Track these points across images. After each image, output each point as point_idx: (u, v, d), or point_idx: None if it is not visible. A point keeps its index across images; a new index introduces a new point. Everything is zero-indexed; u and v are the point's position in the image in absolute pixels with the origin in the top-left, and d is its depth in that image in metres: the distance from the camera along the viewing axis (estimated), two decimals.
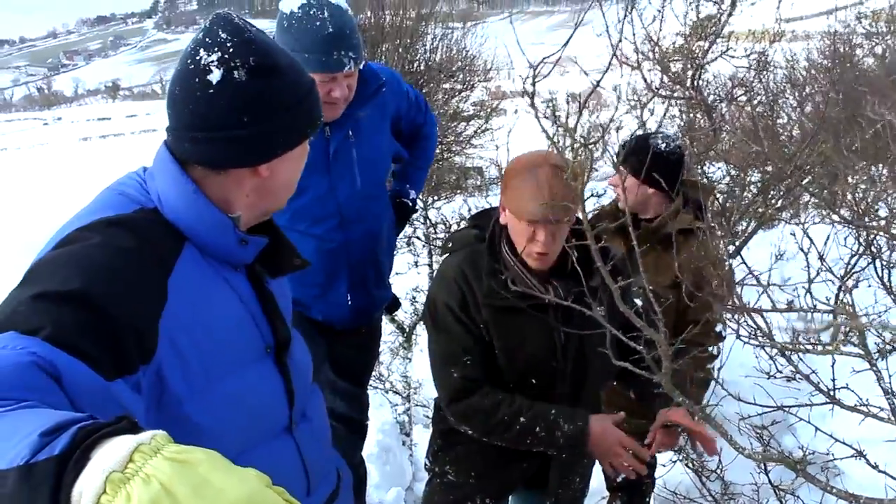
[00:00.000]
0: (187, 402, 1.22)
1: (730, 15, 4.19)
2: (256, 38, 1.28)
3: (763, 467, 3.07)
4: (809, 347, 1.61)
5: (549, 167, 1.95)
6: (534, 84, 1.52)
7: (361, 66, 2.52)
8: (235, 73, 1.23)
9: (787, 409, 1.75)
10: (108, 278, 1.13)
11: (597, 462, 2.44)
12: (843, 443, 1.69)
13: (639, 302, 2.32)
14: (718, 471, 3.19)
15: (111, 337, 1.09)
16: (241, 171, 1.32)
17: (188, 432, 1.22)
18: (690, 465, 3.34)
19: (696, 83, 3.54)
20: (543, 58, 1.54)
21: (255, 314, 1.39)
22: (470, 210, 4.56)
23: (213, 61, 1.23)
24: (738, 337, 1.88)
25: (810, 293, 1.77)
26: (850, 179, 4.62)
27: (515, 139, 2.63)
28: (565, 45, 1.51)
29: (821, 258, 1.76)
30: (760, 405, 1.75)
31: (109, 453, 0.72)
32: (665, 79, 3.93)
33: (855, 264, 2.31)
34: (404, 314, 4.25)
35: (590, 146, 1.57)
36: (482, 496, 2.29)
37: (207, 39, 1.25)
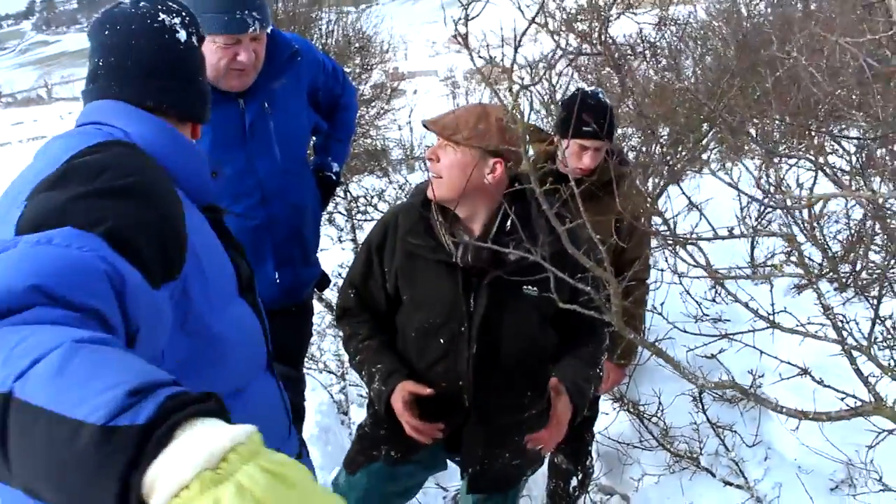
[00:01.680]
0: (209, 319, 1.21)
1: None
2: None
3: (701, 406, 3.17)
4: (749, 273, 1.65)
5: (479, 103, 1.97)
6: (466, 23, 1.48)
7: (269, 32, 2.43)
8: (193, 37, 1.42)
9: (730, 336, 1.79)
10: (151, 178, 1.12)
11: None
12: (788, 363, 1.74)
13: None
14: (658, 414, 3.27)
15: (161, 238, 1.05)
16: (189, 128, 1.45)
17: (215, 349, 1.22)
18: (630, 410, 3.40)
19: (602, 38, 3.58)
20: None
21: (223, 251, 1.40)
22: (391, 184, 4.54)
23: (176, 23, 1.38)
24: (675, 272, 1.90)
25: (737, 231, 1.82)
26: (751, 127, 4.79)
27: (417, 119, 2.61)
28: None
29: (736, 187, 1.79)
30: (706, 335, 1.78)
31: (202, 444, 0.64)
32: (572, 38, 3.97)
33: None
34: (331, 292, 4.17)
35: (528, 87, 1.55)
36: (388, 447, 2.25)
37: (162, 6, 1.39)
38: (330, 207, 4.28)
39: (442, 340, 2.12)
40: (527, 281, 1.99)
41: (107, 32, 1.36)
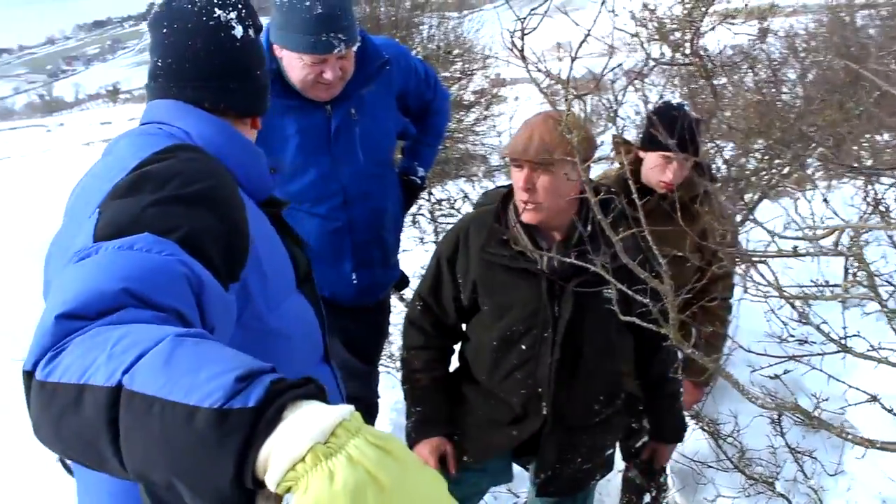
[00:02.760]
0: (267, 316, 1.26)
1: None
2: (250, 1, 1.44)
3: (779, 429, 3.07)
4: (818, 293, 1.61)
5: (543, 115, 1.98)
6: (522, 37, 1.51)
7: (359, 45, 2.50)
8: (250, 31, 1.40)
9: (798, 358, 1.74)
10: (219, 184, 1.16)
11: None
12: (857, 388, 1.68)
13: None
14: (734, 434, 3.19)
15: (227, 242, 1.11)
16: (248, 123, 1.46)
17: (272, 345, 1.26)
18: (705, 428, 3.33)
19: (694, 48, 3.51)
20: (532, 9, 1.52)
21: (282, 246, 1.43)
22: (475, 189, 4.58)
23: (232, 19, 1.36)
24: (746, 290, 1.87)
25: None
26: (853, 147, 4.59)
27: (517, 126, 2.62)
28: None
29: (825, 202, 1.75)
30: (772, 355, 1.75)
31: (312, 420, 0.69)
32: (664, 47, 3.91)
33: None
34: (412, 291, 4.26)
35: (583, 97, 1.55)
36: (461, 454, 2.29)
37: (219, 0, 1.37)
38: (413, 209, 4.35)
39: (524, 347, 2.14)
40: (607, 286, 2.01)
41: (164, 31, 1.37)
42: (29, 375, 0.82)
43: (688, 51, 3.70)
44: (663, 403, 2.43)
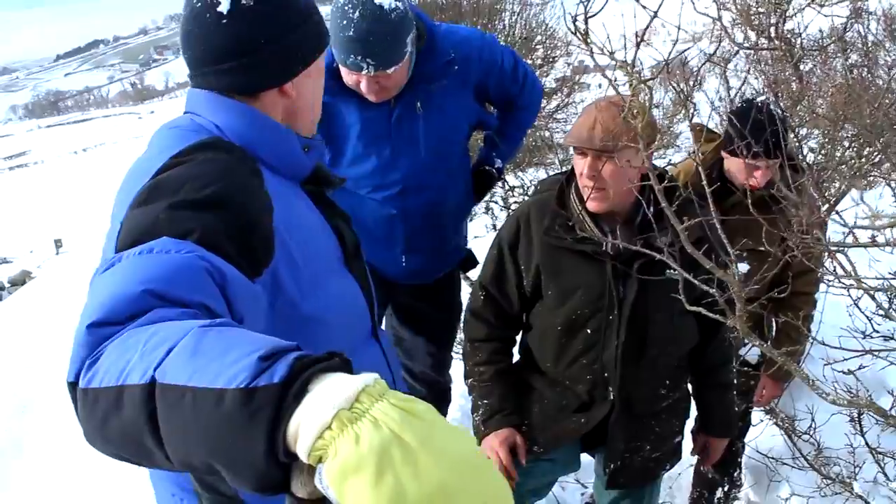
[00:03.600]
0: (301, 304, 1.27)
1: None
2: None
3: (859, 428, 2.95)
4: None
5: (606, 102, 1.96)
6: (586, 21, 1.48)
7: (433, 32, 2.50)
8: (242, 0, 1.28)
9: (875, 352, 1.67)
10: (231, 184, 1.18)
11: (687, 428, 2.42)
12: None
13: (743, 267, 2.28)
14: (811, 432, 3.08)
15: (246, 240, 1.13)
16: (272, 94, 1.37)
17: (307, 330, 1.28)
18: (780, 424, 3.23)
19: (779, 32, 3.38)
20: None
21: (324, 226, 1.44)
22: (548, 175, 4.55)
23: None
24: (823, 281, 1.80)
25: None
26: None
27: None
28: None
29: None
30: (847, 349, 1.68)
31: (336, 389, 0.71)
32: (749, 31, 3.78)
33: None
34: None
35: (648, 83, 1.52)
36: (531, 443, 2.28)
37: None
38: (487, 197, 4.35)
39: (589, 331, 2.13)
40: (671, 269, 1.98)
41: (180, 20, 1.37)
42: (73, 386, 0.87)
43: (773, 34, 3.56)
44: (713, 394, 2.38)
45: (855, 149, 4.47)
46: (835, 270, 1.73)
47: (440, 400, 3.18)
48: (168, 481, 1.43)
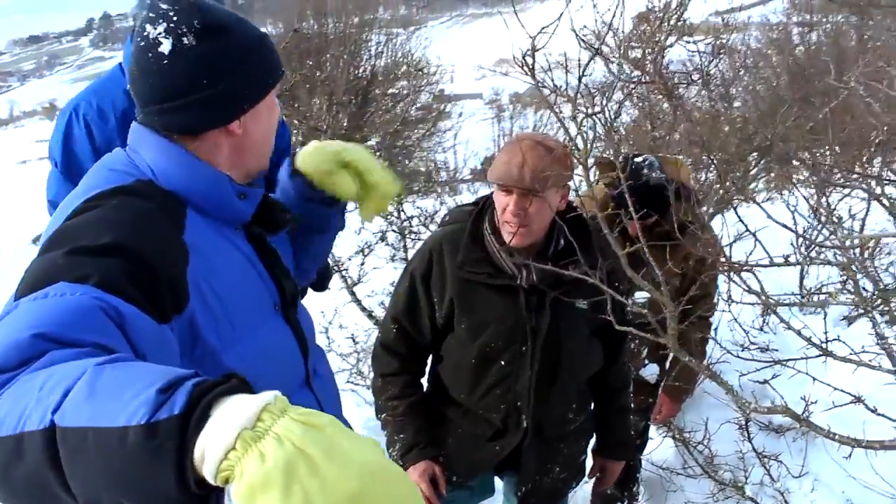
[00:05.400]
0: (222, 353, 1.24)
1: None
2: (197, 2, 1.30)
3: (747, 434, 3.16)
4: (804, 301, 1.67)
5: (531, 140, 1.99)
6: (533, 55, 1.54)
7: None
8: (185, 39, 1.26)
9: (783, 363, 1.81)
10: (137, 231, 1.15)
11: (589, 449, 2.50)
12: (842, 390, 1.75)
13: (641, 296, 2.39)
14: (704, 442, 3.27)
15: (150, 285, 1.09)
16: (215, 134, 1.33)
17: None
18: (675, 437, 3.40)
19: (657, 67, 3.61)
20: (542, 27, 1.56)
21: (261, 272, 1.41)
22: (444, 205, 4.61)
23: (160, 33, 1.25)
24: (729, 298, 1.93)
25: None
26: (804, 155, 4.76)
27: (463, 140, 2.64)
28: (559, 17, 1.54)
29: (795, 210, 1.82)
30: (758, 360, 1.81)
31: (237, 410, 0.71)
32: (626, 66, 4.00)
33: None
34: (380, 308, 4.26)
35: (593, 116, 1.60)
36: (449, 473, 2.29)
37: (151, 14, 1.27)
38: (383, 226, 4.37)
39: (503, 363, 2.15)
40: (580, 297, 2.07)
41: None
42: None
43: (649, 68, 3.79)
44: (613, 417, 2.44)
45: (721, 174, 4.81)
46: (743, 286, 1.86)
47: None
48: None
